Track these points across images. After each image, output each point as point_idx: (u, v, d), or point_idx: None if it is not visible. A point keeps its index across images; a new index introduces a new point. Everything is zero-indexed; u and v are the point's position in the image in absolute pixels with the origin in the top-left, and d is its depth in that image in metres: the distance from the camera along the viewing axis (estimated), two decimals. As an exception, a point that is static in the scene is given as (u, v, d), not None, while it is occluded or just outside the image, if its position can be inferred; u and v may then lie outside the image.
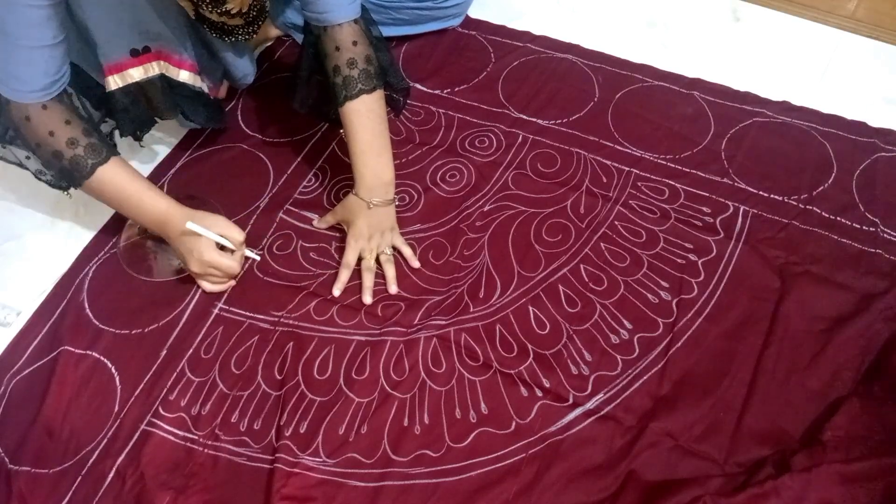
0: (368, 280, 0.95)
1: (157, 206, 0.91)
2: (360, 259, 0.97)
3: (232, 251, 0.94)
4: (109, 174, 0.89)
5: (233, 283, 0.97)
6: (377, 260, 0.97)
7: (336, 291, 0.95)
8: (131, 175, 0.91)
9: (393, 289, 0.95)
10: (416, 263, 0.98)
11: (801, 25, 1.29)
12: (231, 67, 1.06)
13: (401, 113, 1.14)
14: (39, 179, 0.94)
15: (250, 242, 1.01)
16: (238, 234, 0.93)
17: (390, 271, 0.96)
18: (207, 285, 0.95)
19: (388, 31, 1.23)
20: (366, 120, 0.93)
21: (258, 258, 0.99)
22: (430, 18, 1.24)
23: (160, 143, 1.13)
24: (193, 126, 1.10)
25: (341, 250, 0.99)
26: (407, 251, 0.98)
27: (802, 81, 1.19)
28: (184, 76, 0.98)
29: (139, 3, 0.89)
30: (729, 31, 1.29)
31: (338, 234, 1.02)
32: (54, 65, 0.83)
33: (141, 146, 1.10)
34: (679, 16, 1.32)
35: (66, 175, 0.89)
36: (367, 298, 0.94)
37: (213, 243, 0.91)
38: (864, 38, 1.26)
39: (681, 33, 1.29)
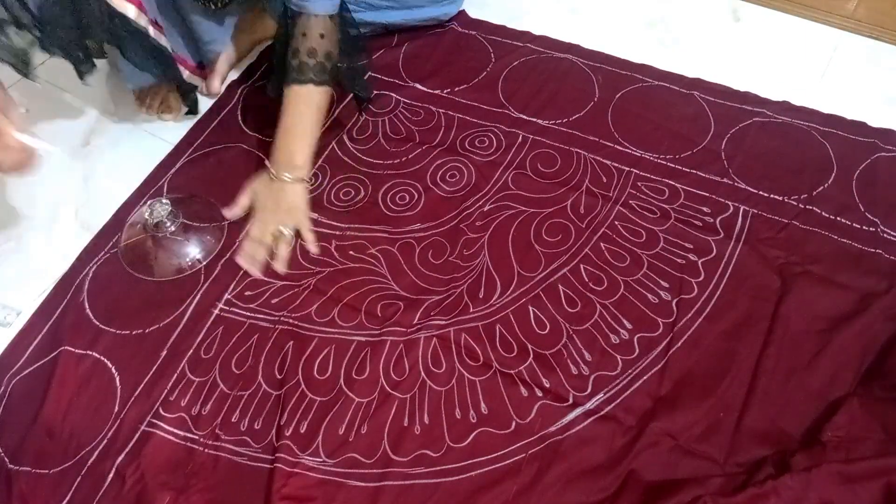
0: (259, 253, 0.95)
1: None
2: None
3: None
4: None
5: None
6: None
7: (240, 261, 0.95)
8: None
9: (279, 267, 0.95)
10: (314, 248, 0.98)
11: (801, 25, 1.29)
12: (197, 28, 1.02)
13: (363, 111, 1.15)
14: None
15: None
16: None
17: (283, 250, 0.96)
18: None
19: (386, 17, 1.23)
20: (303, 107, 0.95)
21: (52, 150, 0.79)
22: (428, 2, 1.23)
23: (160, 143, 1.13)
24: (137, 83, 1.05)
25: (342, 249, 0.99)
26: (308, 236, 0.98)
27: (802, 81, 1.19)
28: (131, 11, 0.91)
29: None
30: (729, 31, 1.29)
31: (337, 233, 1.02)
32: None
33: (84, 84, 0.99)
34: (679, 16, 1.32)
35: None
36: (256, 272, 0.94)
37: None
38: (864, 38, 1.26)
39: (681, 33, 1.29)
